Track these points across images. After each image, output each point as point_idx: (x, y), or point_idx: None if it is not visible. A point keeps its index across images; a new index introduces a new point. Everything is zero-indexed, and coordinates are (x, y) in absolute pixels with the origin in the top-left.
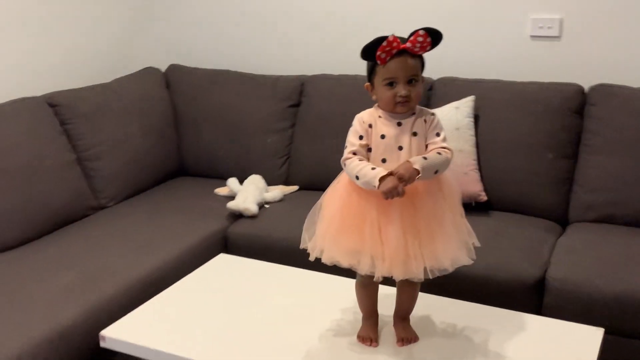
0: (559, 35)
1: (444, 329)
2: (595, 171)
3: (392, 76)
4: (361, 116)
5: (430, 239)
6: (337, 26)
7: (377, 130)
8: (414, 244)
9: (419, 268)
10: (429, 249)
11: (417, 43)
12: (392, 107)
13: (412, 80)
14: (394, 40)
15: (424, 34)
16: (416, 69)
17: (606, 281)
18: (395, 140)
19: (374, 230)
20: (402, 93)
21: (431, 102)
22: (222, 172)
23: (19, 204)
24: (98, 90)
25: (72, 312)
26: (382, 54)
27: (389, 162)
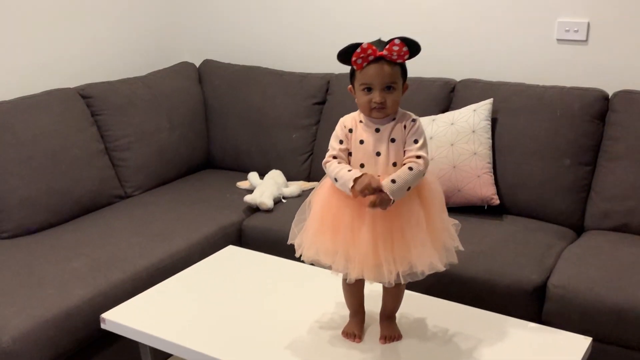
0: (586, 40)
1: (431, 329)
2: (613, 179)
3: (367, 82)
4: (344, 120)
5: (403, 244)
6: (363, 25)
7: (357, 135)
8: (385, 248)
9: (391, 273)
10: (401, 254)
11: (393, 52)
12: (368, 112)
13: (390, 87)
14: (369, 48)
15: (400, 43)
16: (394, 77)
17: (608, 290)
18: (373, 146)
19: (347, 233)
20: (377, 99)
21: (453, 104)
22: (248, 165)
23: (45, 191)
24: (131, 83)
25: (79, 295)
26: (358, 59)
27: (367, 167)
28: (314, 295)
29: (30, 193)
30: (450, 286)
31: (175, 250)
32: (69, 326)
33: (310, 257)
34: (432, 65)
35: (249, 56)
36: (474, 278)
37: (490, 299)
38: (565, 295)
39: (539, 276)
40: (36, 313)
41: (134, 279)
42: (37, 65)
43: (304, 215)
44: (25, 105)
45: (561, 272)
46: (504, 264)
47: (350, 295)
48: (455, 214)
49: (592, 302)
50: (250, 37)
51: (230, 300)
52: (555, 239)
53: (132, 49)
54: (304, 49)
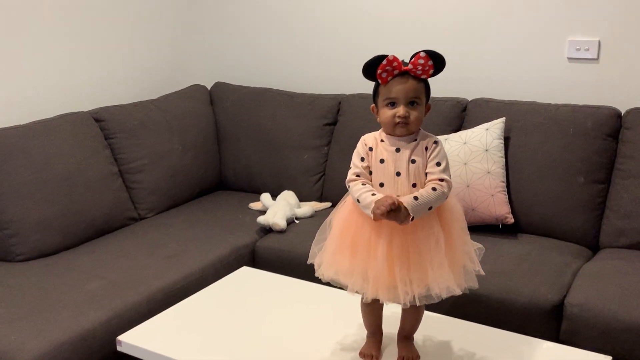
0: (597, 58)
1: (449, 350)
2: (629, 196)
3: (392, 96)
4: (365, 138)
5: (420, 265)
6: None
7: (377, 154)
8: (402, 269)
9: (407, 294)
10: (418, 276)
11: (418, 65)
12: (391, 129)
13: (414, 102)
14: (394, 60)
15: (425, 56)
16: (418, 92)
17: (626, 308)
18: (393, 166)
19: (364, 252)
20: (401, 113)
21: (465, 123)
22: (260, 187)
23: (60, 213)
24: (143, 106)
25: (94, 317)
26: (383, 73)
27: (387, 187)
28: (329, 316)
29: (44, 216)
30: (466, 306)
31: (190, 272)
32: (85, 348)
33: (329, 276)
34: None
35: (259, 78)
36: (490, 297)
37: (507, 319)
38: (583, 314)
39: (555, 295)
40: (52, 336)
41: (149, 301)
42: (51, 90)
43: (324, 234)
44: (39, 129)
45: (578, 290)
46: (520, 283)
47: (368, 315)
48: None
49: (609, 321)
50: (261, 60)
51: (245, 321)
52: (570, 257)
53: (144, 72)
54: (314, 71)
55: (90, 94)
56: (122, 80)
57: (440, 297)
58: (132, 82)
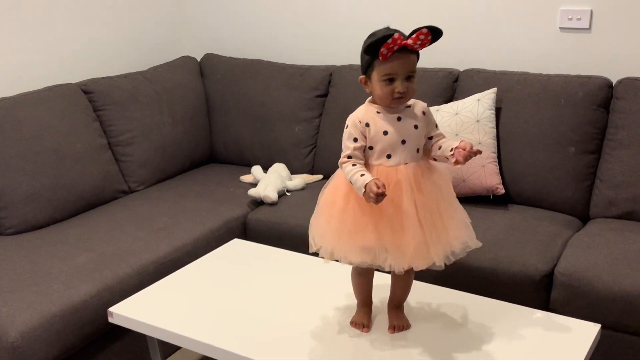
0: (589, 28)
1: (439, 319)
2: (619, 166)
3: (392, 72)
4: (356, 116)
5: (443, 226)
6: (365, 16)
7: (378, 127)
8: (431, 234)
9: (439, 256)
10: (444, 236)
11: (418, 41)
12: (387, 102)
13: (410, 76)
14: (399, 38)
15: (427, 32)
16: (414, 65)
17: (615, 278)
18: (398, 134)
19: (391, 227)
20: (400, 89)
21: (456, 94)
22: (251, 159)
23: (49, 186)
24: (132, 78)
25: (85, 290)
26: (385, 50)
27: (394, 156)
28: (319, 287)
29: (34, 189)
30: (457, 276)
31: (181, 244)
32: (76, 321)
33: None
34: (435, 56)
35: (250, 49)
36: (480, 267)
37: (497, 288)
38: (572, 283)
39: (545, 264)
40: (43, 308)
41: (140, 273)
42: (39, 62)
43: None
44: (27, 101)
45: (568, 260)
46: (510, 253)
47: (359, 285)
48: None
49: (599, 290)
50: (251, 31)
51: (236, 293)
52: (561, 228)
53: (133, 43)
54: (305, 42)
55: (79, 66)
56: (111, 52)
57: (464, 253)
58: (121, 54)
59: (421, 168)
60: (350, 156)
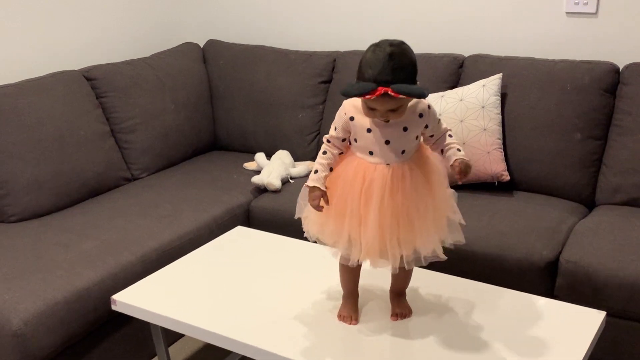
0: (595, 12)
1: (442, 306)
2: (625, 153)
3: (373, 107)
4: (344, 107)
5: (410, 231)
6: (371, 3)
7: (362, 123)
8: (392, 239)
9: (394, 261)
10: (407, 241)
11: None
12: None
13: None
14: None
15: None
16: (399, 103)
17: (620, 265)
18: (381, 134)
19: (354, 216)
20: (380, 118)
21: (461, 80)
22: (254, 146)
23: (52, 173)
24: (135, 64)
25: (89, 277)
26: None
27: (376, 155)
28: (323, 275)
29: (36, 176)
30: (461, 263)
31: (184, 232)
32: (79, 308)
33: (314, 234)
34: (440, 41)
35: (253, 35)
36: (485, 254)
37: (502, 275)
38: (578, 270)
39: (550, 251)
40: (46, 295)
41: (144, 261)
42: (41, 48)
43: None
44: (30, 88)
45: (573, 247)
46: (515, 240)
47: (347, 277)
48: (465, 190)
49: (604, 277)
50: (254, 16)
51: (240, 280)
52: (566, 214)
53: (135, 30)
54: (309, 27)
55: (81, 52)
56: (113, 38)
57: (427, 262)
58: (124, 40)
59: (403, 170)
60: (329, 140)
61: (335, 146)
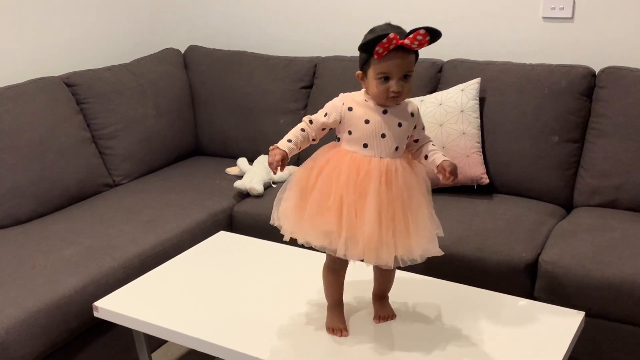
0: (572, 17)
1: (424, 309)
2: (602, 155)
3: (387, 71)
4: (344, 98)
5: (405, 229)
6: (350, 7)
7: (361, 114)
8: (387, 232)
9: (390, 256)
10: (402, 238)
11: (415, 41)
12: (382, 101)
13: (407, 75)
14: (394, 37)
15: (424, 33)
16: (411, 65)
17: (598, 266)
18: (379, 127)
19: (351, 214)
20: (395, 89)
21: (440, 84)
22: (236, 151)
23: (32, 180)
24: (116, 70)
25: (70, 284)
26: (380, 49)
27: (370, 147)
28: (307, 279)
29: (17, 183)
30: (442, 265)
31: (166, 237)
32: (62, 315)
33: (304, 238)
34: None
35: (234, 41)
36: (465, 257)
37: (482, 277)
38: (557, 272)
39: (530, 253)
40: (28, 303)
41: (126, 267)
42: (21, 54)
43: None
44: (9, 95)
45: (552, 248)
46: (495, 242)
47: (333, 283)
48: (445, 194)
49: (583, 278)
50: (235, 22)
51: (223, 285)
52: (545, 216)
53: (116, 36)
54: (289, 33)
55: (61, 58)
56: (94, 44)
57: (423, 259)
58: (104, 46)
59: (396, 165)
60: (311, 121)
61: (314, 130)
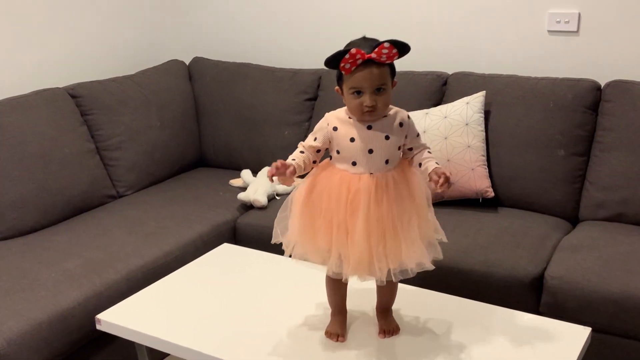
0: (577, 30)
1: (428, 323)
2: (608, 169)
3: (357, 86)
4: (328, 118)
5: (395, 242)
6: (354, 19)
7: (345, 132)
8: (378, 247)
9: (382, 270)
10: (393, 252)
11: (382, 54)
12: (359, 116)
13: (380, 89)
14: (357, 53)
15: (389, 46)
16: (383, 78)
17: (604, 281)
18: (365, 143)
19: (341, 232)
20: (368, 103)
21: (445, 97)
22: (240, 163)
23: (36, 191)
24: (120, 82)
25: (73, 296)
26: (346, 64)
27: (359, 164)
28: (310, 292)
29: (21, 194)
30: (446, 279)
31: (169, 250)
32: (64, 328)
33: (302, 255)
34: (424, 59)
35: (239, 53)
36: (470, 271)
37: (487, 292)
38: (563, 286)
39: (535, 268)
40: (30, 315)
41: (129, 279)
42: (26, 66)
43: (285, 212)
44: (14, 106)
45: (558, 263)
46: (500, 257)
47: (334, 294)
48: (450, 207)
49: (589, 293)
50: (240, 34)
51: (226, 298)
52: (550, 230)
53: (121, 47)
54: (294, 45)
55: (66, 70)
56: (98, 56)
57: (414, 273)
58: (109, 58)
59: (387, 180)
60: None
61: (310, 153)
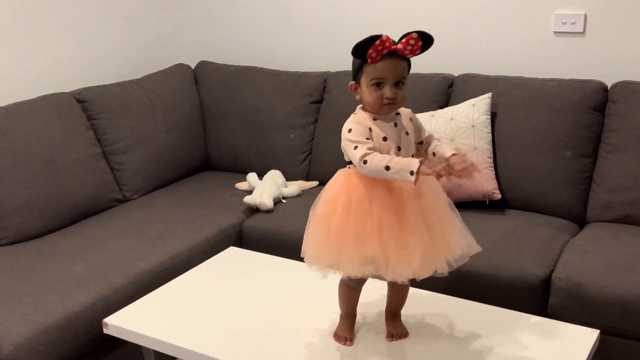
0: (583, 31)
1: (437, 326)
2: (615, 170)
3: (380, 76)
4: (359, 121)
5: (443, 232)
6: (359, 22)
7: (378, 132)
8: (432, 240)
9: (442, 263)
10: (444, 243)
11: (408, 46)
12: (377, 109)
13: (399, 82)
14: (387, 40)
15: (417, 37)
16: (404, 72)
17: (612, 282)
18: (395, 141)
19: (395, 234)
20: (389, 95)
21: (451, 99)
22: (246, 166)
23: (43, 195)
24: (126, 86)
25: (80, 300)
26: (373, 52)
27: None
28: (317, 295)
29: (28, 199)
30: (454, 282)
31: (176, 253)
32: (71, 332)
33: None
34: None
35: (244, 56)
36: (477, 273)
37: (494, 294)
38: (570, 288)
39: (543, 270)
40: (37, 319)
41: (135, 283)
42: (32, 71)
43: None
44: (20, 111)
45: (565, 265)
46: (507, 259)
47: (349, 298)
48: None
49: (596, 295)
50: (245, 37)
51: (233, 302)
52: (557, 232)
53: (127, 52)
54: (299, 48)
55: (72, 75)
56: (104, 60)
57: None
58: (115, 62)
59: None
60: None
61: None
